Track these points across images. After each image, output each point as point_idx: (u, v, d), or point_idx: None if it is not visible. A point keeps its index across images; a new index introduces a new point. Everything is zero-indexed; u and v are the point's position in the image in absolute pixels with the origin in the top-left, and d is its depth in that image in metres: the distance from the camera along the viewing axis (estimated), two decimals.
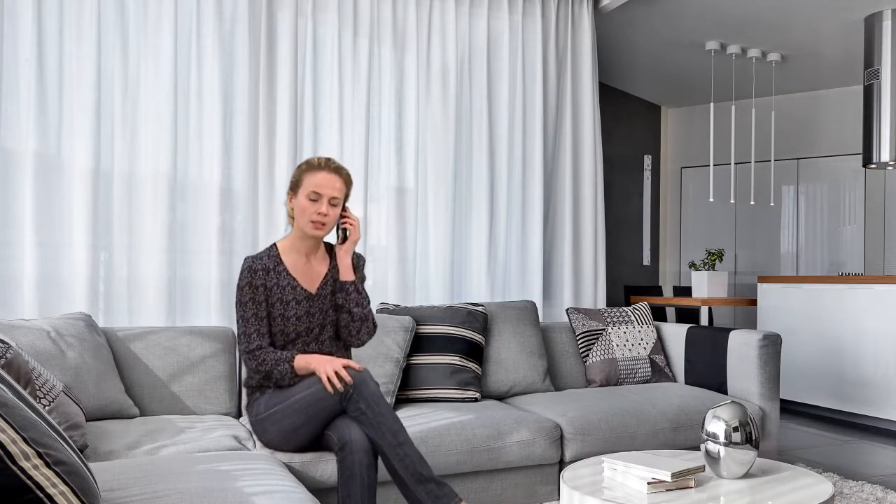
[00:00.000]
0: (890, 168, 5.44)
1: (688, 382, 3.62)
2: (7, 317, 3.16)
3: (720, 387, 3.46)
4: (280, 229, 3.72)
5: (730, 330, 3.50)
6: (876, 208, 6.34)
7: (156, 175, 3.51)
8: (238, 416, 2.97)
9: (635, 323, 3.74)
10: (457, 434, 2.69)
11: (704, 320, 5.31)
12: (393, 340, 3.09)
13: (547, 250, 4.53)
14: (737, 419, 2.10)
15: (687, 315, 5.89)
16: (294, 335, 2.48)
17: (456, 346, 3.22)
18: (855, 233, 6.46)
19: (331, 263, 2.59)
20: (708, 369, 3.52)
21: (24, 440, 1.15)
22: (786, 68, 6.07)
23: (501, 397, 3.37)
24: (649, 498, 1.93)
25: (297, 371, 2.38)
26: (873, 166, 5.31)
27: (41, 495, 1.15)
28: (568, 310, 3.80)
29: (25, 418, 1.19)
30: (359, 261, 2.63)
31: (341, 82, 3.96)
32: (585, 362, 3.62)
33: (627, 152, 7.04)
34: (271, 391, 2.44)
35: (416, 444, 2.50)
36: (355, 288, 2.52)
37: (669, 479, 1.96)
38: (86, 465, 1.30)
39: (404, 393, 3.12)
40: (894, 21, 5.00)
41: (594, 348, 3.61)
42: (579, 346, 3.66)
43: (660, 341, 3.76)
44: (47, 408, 2.11)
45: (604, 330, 3.66)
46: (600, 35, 5.18)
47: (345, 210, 2.53)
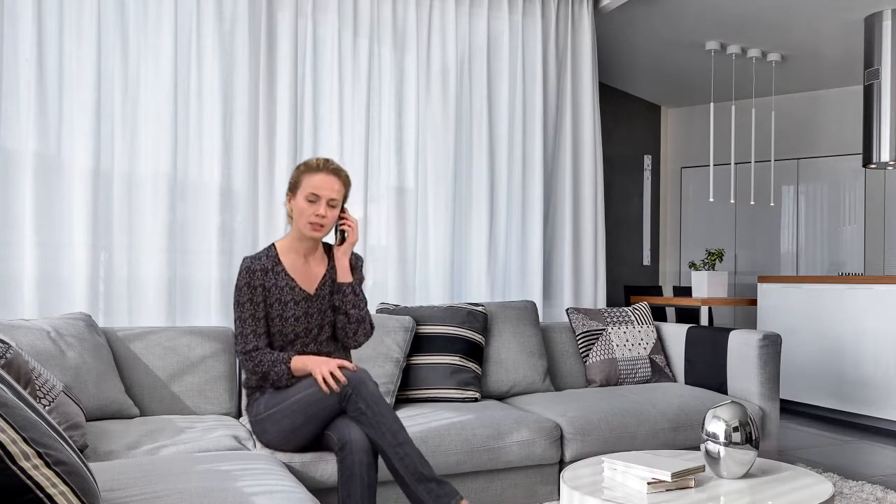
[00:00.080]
0: (890, 168, 5.44)
1: (688, 382, 3.62)
2: (7, 317, 3.16)
3: (720, 387, 3.46)
4: (280, 229, 3.72)
5: (730, 330, 3.50)
6: (876, 208, 6.34)
7: (156, 175, 3.51)
8: (238, 416, 2.97)
9: (635, 323, 3.74)
10: (457, 434, 2.69)
11: (704, 320, 5.31)
12: (393, 340, 3.09)
13: (547, 250, 4.53)
14: (737, 419, 2.10)
15: (687, 315, 5.89)
16: (292, 336, 2.48)
17: (456, 346, 3.22)
18: (855, 233, 6.46)
19: (329, 264, 2.59)
20: (708, 369, 3.52)
21: (24, 440, 1.15)
22: (786, 68, 6.07)
23: (501, 397, 3.37)
24: (649, 498, 1.93)
25: (294, 372, 2.38)
26: (873, 166, 5.31)
27: (41, 495, 1.15)
28: (568, 310, 3.80)
29: (25, 418, 1.19)
30: (357, 262, 2.63)
31: (341, 82, 3.96)
32: (585, 362, 3.62)
33: (627, 152, 7.04)
34: (271, 391, 2.44)
35: (417, 444, 2.50)
36: (352, 290, 2.51)
37: (669, 479, 1.96)
38: (86, 465, 1.30)
39: (404, 393, 3.12)
40: (894, 21, 5.00)
41: (594, 348, 3.61)
42: (579, 346, 3.66)
43: (660, 341, 3.76)
44: (47, 408, 2.11)
45: (604, 330, 3.66)
46: (600, 35, 5.18)
47: (343, 211, 2.53)
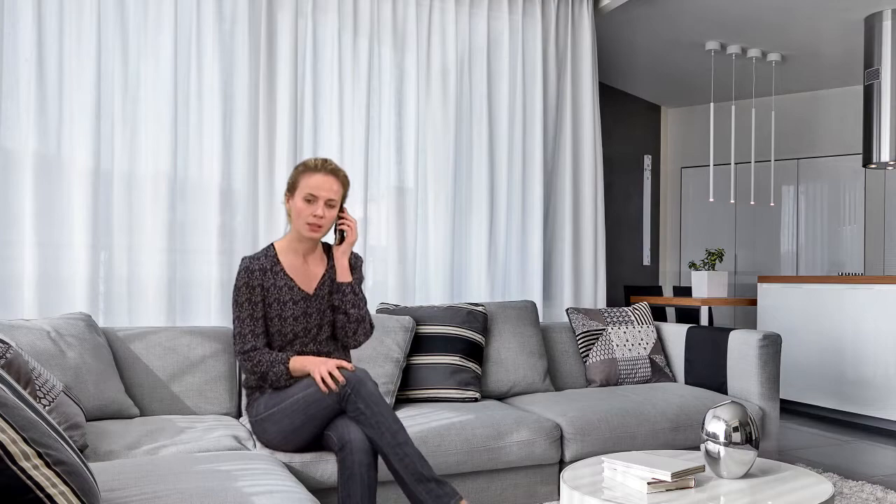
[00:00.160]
0: (890, 168, 5.44)
1: (688, 382, 3.62)
2: (7, 317, 3.16)
3: (720, 387, 3.46)
4: (280, 229, 3.72)
5: (730, 330, 3.50)
6: (876, 208, 6.34)
7: (156, 175, 3.51)
8: (238, 416, 2.97)
9: (635, 323, 3.74)
10: (457, 434, 2.69)
11: (704, 320, 5.31)
12: (393, 340, 3.09)
13: (547, 250, 4.53)
14: (737, 419, 2.09)
15: (687, 315, 5.89)
16: (292, 336, 2.48)
17: (456, 346, 3.22)
18: (855, 233, 6.46)
19: (328, 264, 2.59)
20: (708, 369, 3.52)
21: (25, 440, 1.15)
22: (786, 68, 6.07)
23: (501, 397, 3.37)
24: (649, 498, 1.93)
25: (293, 372, 2.38)
26: (873, 166, 5.31)
27: (41, 495, 1.15)
28: (568, 310, 3.80)
29: (25, 418, 1.18)
30: (356, 261, 2.63)
31: (341, 82, 3.96)
32: (585, 362, 3.62)
33: (627, 152, 7.04)
34: (270, 392, 2.44)
35: (416, 444, 2.49)
36: (352, 289, 2.51)
37: (669, 479, 1.96)
38: (86, 465, 1.30)
39: (404, 393, 3.12)
40: (894, 21, 5.00)
41: (594, 348, 3.61)
42: (579, 346, 3.66)
43: (660, 341, 3.76)
44: (47, 408, 2.11)
45: (604, 330, 3.66)
46: (600, 35, 5.18)
47: (342, 211, 2.52)
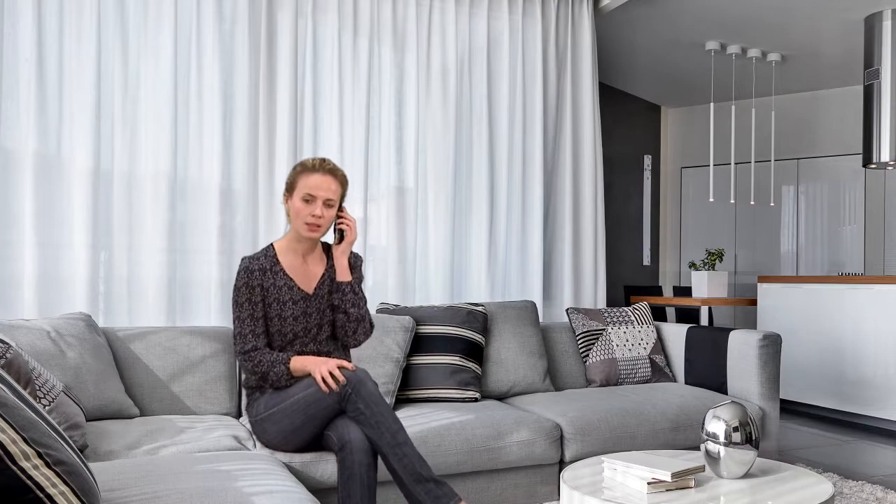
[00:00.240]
0: (890, 168, 5.44)
1: (688, 382, 3.62)
2: (7, 317, 3.16)
3: (720, 387, 3.46)
4: (280, 229, 3.72)
5: (730, 330, 3.50)
6: (876, 208, 6.34)
7: (156, 175, 3.51)
8: (238, 416, 2.97)
9: (635, 323, 3.74)
10: (457, 434, 2.69)
11: (704, 320, 5.31)
12: (393, 340, 3.09)
13: (547, 250, 4.53)
14: (737, 419, 2.09)
15: (687, 315, 5.89)
16: (291, 336, 2.48)
17: (456, 346, 3.22)
18: (855, 233, 6.46)
19: (328, 263, 2.59)
20: (708, 369, 3.52)
21: (25, 440, 1.15)
22: (786, 68, 6.07)
23: (501, 397, 3.37)
24: (649, 498, 1.93)
25: (293, 372, 2.38)
26: (873, 166, 5.31)
27: (41, 495, 1.15)
28: (568, 310, 3.80)
29: (25, 418, 1.18)
30: (356, 261, 2.63)
31: (341, 82, 3.96)
32: (585, 362, 3.62)
33: (627, 152, 7.04)
34: (270, 392, 2.44)
35: (416, 444, 2.50)
36: (351, 289, 2.51)
37: (669, 479, 1.96)
38: (86, 465, 1.30)
39: (404, 393, 3.12)
40: (894, 21, 5.00)
41: (594, 348, 3.61)
42: (579, 346, 3.66)
43: (660, 341, 3.76)
44: (47, 408, 2.11)
45: (604, 330, 3.66)
46: (600, 35, 5.18)
47: (341, 210, 2.52)
